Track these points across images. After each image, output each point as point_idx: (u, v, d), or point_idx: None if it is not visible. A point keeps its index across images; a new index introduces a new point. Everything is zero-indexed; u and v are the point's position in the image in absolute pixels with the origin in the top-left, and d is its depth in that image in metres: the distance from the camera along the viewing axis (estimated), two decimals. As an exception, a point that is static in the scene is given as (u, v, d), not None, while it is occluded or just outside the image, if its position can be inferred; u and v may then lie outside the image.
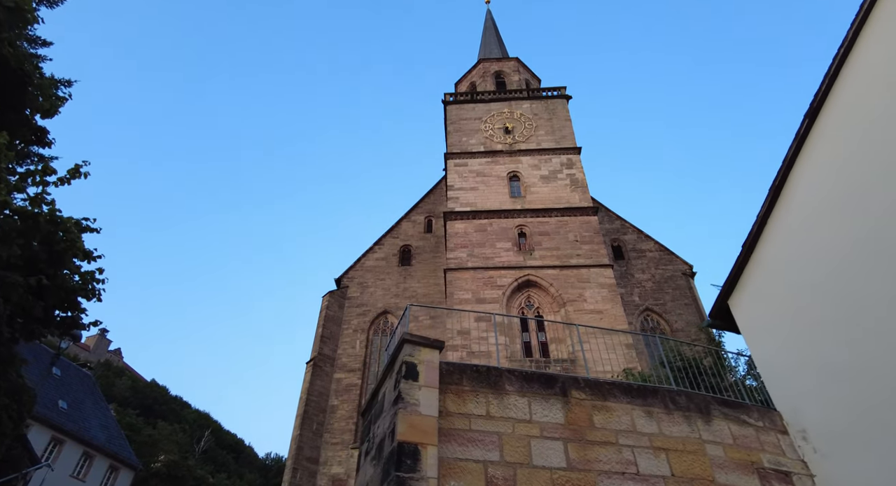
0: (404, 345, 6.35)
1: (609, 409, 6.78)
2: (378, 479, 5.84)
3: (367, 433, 7.21)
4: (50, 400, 29.03)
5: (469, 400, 6.48)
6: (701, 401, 7.09)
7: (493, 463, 6.05)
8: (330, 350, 31.05)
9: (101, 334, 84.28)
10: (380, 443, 6.25)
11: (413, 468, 5.40)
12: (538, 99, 32.37)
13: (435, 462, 5.54)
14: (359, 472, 7.12)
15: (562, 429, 6.50)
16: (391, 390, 6.42)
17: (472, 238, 27.62)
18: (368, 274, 34.29)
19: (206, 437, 65.75)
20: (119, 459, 31.40)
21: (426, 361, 6.23)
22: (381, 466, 5.89)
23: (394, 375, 6.48)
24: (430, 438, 5.66)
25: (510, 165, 29.96)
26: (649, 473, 6.22)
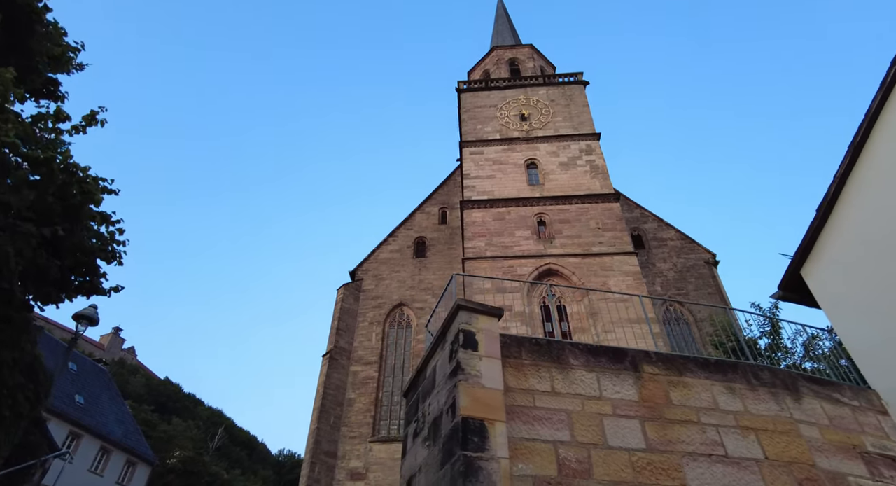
0: (459, 312, 5.62)
1: (686, 385, 6.04)
2: (437, 460, 5.15)
3: (414, 411, 6.52)
4: (67, 395, 28.62)
5: (530, 375, 5.76)
6: (786, 377, 6.34)
7: (564, 444, 5.34)
8: (346, 343, 30.46)
9: (114, 332, 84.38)
10: (434, 421, 5.56)
11: (481, 447, 4.69)
12: (555, 85, 31.51)
13: (504, 441, 4.84)
14: (406, 455, 6.43)
15: (636, 407, 5.77)
16: (445, 362, 5.71)
17: (491, 227, 26.87)
18: (383, 266, 33.66)
19: (220, 434, 65.54)
20: (136, 454, 30.97)
21: (485, 329, 5.52)
22: (439, 446, 5.20)
23: (447, 346, 5.78)
24: (496, 413, 4.96)
25: (527, 153, 29.16)
26: (739, 455, 5.48)
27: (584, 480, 5.15)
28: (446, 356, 5.73)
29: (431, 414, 5.76)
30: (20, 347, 6.22)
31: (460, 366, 5.19)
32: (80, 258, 6.36)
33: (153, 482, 34.02)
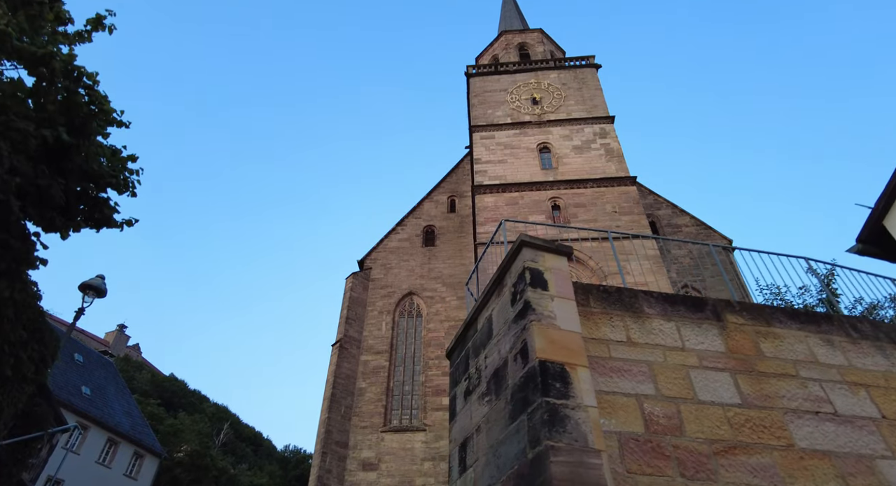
0: (523, 249, 4.85)
1: (777, 336, 5.28)
2: (504, 415, 4.40)
3: (464, 369, 5.76)
4: (73, 386, 27.94)
5: (602, 324, 5.01)
6: (892, 330, 5.58)
7: (649, 398, 4.58)
8: (356, 332, 29.78)
9: (119, 329, 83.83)
10: (495, 373, 4.81)
11: (564, 393, 3.94)
12: (566, 69, 30.70)
13: (590, 388, 4.09)
14: (456, 417, 5.67)
15: (724, 358, 5.01)
16: (505, 307, 4.95)
17: (503, 212, 26.09)
18: (392, 255, 32.96)
19: (226, 430, 64.95)
20: (144, 446, 30.28)
21: (554, 269, 4.76)
22: (505, 398, 4.45)
23: (506, 290, 5.01)
24: (577, 357, 4.21)
25: (540, 137, 28.36)
26: (851, 413, 4.72)
27: (675, 437, 4.40)
28: (506, 301, 4.97)
29: (490, 367, 5.01)
30: (19, 281, 5.40)
31: (530, 306, 4.43)
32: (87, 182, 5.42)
33: (161, 475, 33.35)
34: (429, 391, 27.25)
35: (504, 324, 4.91)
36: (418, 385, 28.03)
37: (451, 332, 29.16)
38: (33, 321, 6.21)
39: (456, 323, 29.32)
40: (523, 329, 4.41)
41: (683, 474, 4.14)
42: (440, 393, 26.83)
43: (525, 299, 4.52)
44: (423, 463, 25.26)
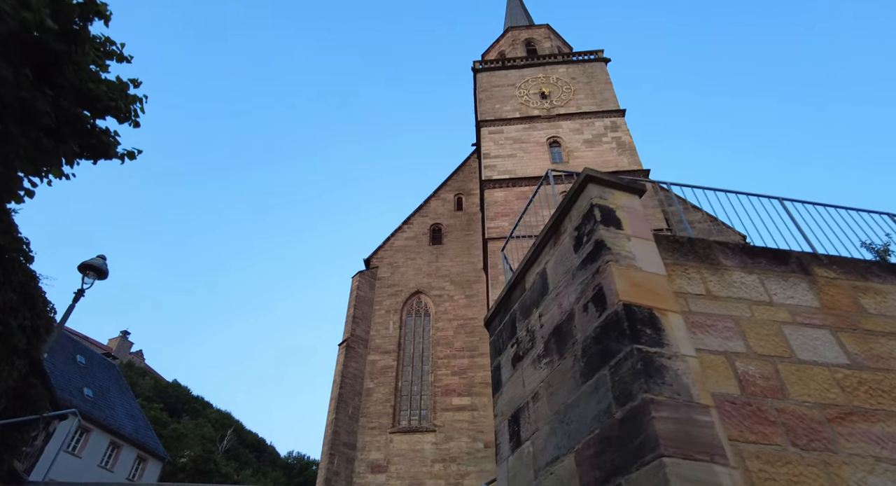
0: (589, 185, 4.15)
1: (877, 291, 4.56)
2: (574, 374, 3.70)
3: (510, 334, 5.05)
4: (75, 387, 27.15)
5: (676, 276, 4.30)
6: None
7: (740, 355, 3.87)
8: (362, 331, 29.03)
9: (122, 335, 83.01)
10: (556, 330, 4.10)
11: (657, 341, 3.25)
12: (575, 63, 30.12)
13: (686, 336, 3.39)
14: (502, 389, 4.95)
15: (820, 314, 4.29)
16: (566, 255, 4.24)
17: (514, 206, 25.40)
18: (398, 254, 32.26)
19: (229, 436, 64.00)
20: (147, 450, 29.41)
21: (626, 207, 4.06)
22: (573, 356, 3.75)
23: (565, 237, 4.31)
24: (667, 302, 3.51)
25: (549, 131, 27.72)
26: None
27: (777, 400, 3.68)
28: (567, 248, 4.27)
29: (547, 325, 4.30)
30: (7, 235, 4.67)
31: (603, 246, 3.72)
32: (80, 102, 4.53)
33: (164, 479, 32.46)
34: (438, 391, 26.44)
35: (565, 274, 4.20)
36: (427, 385, 27.22)
37: (459, 331, 28.40)
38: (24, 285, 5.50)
39: (465, 322, 28.57)
40: (596, 273, 3.71)
41: (795, 442, 3.42)
42: (450, 393, 26.04)
43: (596, 239, 3.82)
44: (434, 465, 24.40)
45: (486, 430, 24.63)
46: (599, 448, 3.24)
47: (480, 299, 29.43)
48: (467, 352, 27.67)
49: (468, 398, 26.05)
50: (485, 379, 26.33)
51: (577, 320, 3.89)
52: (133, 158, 4.62)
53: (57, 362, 26.84)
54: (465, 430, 25.01)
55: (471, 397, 26.07)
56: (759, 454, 3.30)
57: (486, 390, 25.92)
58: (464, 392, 26.25)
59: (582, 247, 4.01)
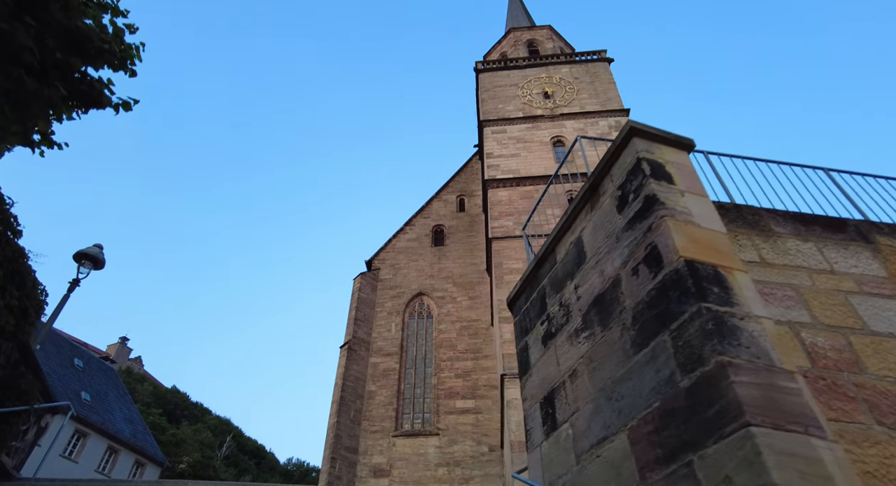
0: (633, 139, 3.74)
1: (946, 260, 4.17)
2: (622, 345, 3.28)
3: (540, 310, 4.63)
4: (72, 391, 26.60)
5: (727, 242, 3.89)
6: None
7: (806, 326, 3.46)
8: (364, 333, 28.53)
9: (121, 342, 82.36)
10: (598, 300, 3.69)
11: (726, 300, 2.84)
12: (577, 63, 29.88)
13: (757, 297, 2.98)
14: (531, 370, 4.52)
15: (889, 284, 3.89)
16: (608, 218, 3.83)
17: (518, 206, 25.02)
18: (400, 255, 31.84)
19: (228, 442, 63.28)
20: (145, 454, 28.82)
21: (675, 163, 3.66)
22: (623, 324, 3.34)
23: (606, 198, 3.90)
24: (731, 260, 3.10)
25: (553, 130, 27.41)
26: None
27: (854, 374, 3.26)
28: (607, 210, 3.86)
29: (586, 296, 3.89)
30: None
31: (656, 200, 3.32)
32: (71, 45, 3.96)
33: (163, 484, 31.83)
34: (441, 394, 25.91)
35: (607, 239, 3.80)
36: (430, 388, 26.68)
37: (463, 333, 27.92)
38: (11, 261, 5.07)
39: (468, 324, 28.11)
40: (648, 231, 3.31)
41: (881, 421, 3.01)
42: (453, 396, 25.52)
43: (646, 194, 3.41)
44: (438, 469, 23.83)
45: (490, 433, 24.11)
46: (660, 423, 2.83)
47: (483, 300, 29.00)
48: (470, 354, 27.18)
49: (472, 401, 25.53)
50: (489, 381, 25.82)
51: (624, 285, 3.49)
52: (129, 108, 4.14)
53: (54, 365, 26.32)
54: (469, 433, 24.47)
55: (475, 399, 25.55)
56: (842, 433, 2.89)
57: (490, 392, 25.41)
58: (467, 395, 25.73)
59: (628, 206, 3.61)
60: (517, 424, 17.30)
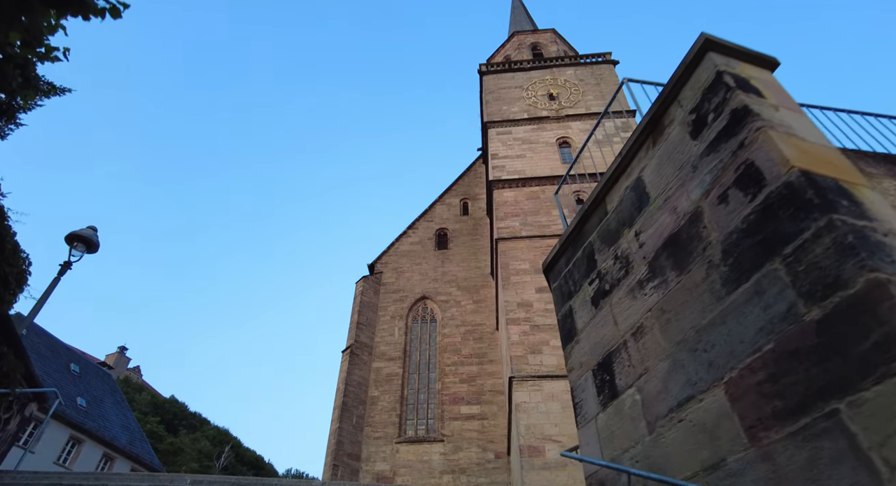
0: (709, 53, 3.15)
1: None
2: (708, 287, 2.70)
3: (585, 272, 4.04)
4: (68, 397, 25.79)
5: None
6: None
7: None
8: (367, 338, 27.80)
9: (120, 351, 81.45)
10: (670, 242, 3.12)
11: (861, 213, 2.26)
12: (582, 65, 29.54)
13: (894, 212, 2.40)
14: (579, 336, 3.92)
15: None
16: (680, 147, 3.25)
17: (524, 206, 24.48)
18: (403, 259, 31.23)
19: (227, 453, 62.16)
20: (142, 462, 27.89)
21: (761, 80, 3.10)
22: (709, 262, 2.75)
23: (674, 126, 3.32)
24: (854, 175, 2.53)
25: (559, 131, 26.96)
26: None
27: None
28: (678, 140, 3.28)
29: (653, 240, 3.31)
30: None
31: (748, 112, 2.74)
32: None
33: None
34: (446, 400, 25.13)
35: (679, 171, 3.22)
36: (434, 393, 25.91)
37: (467, 337, 27.22)
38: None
39: (473, 328, 27.43)
40: (739, 148, 2.73)
41: None
42: (458, 401, 24.75)
43: (734, 108, 2.84)
44: (442, 476, 23.00)
45: (496, 440, 23.32)
46: (777, 369, 2.24)
47: (488, 304, 28.35)
48: (476, 359, 26.45)
49: (477, 407, 24.75)
50: (494, 387, 25.08)
51: (707, 218, 2.91)
52: (117, 15, 3.49)
53: (49, 370, 25.55)
54: (474, 440, 23.66)
55: (480, 405, 24.78)
56: None
57: (496, 398, 24.65)
58: (473, 401, 24.96)
59: (707, 128, 3.04)
60: (527, 428, 16.61)
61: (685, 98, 3.31)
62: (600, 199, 4.15)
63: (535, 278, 21.93)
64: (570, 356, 4.03)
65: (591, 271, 3.98)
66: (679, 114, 3.35)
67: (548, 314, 20.37)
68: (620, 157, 3.87)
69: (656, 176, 3.46)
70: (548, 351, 19.02)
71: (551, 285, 4.68)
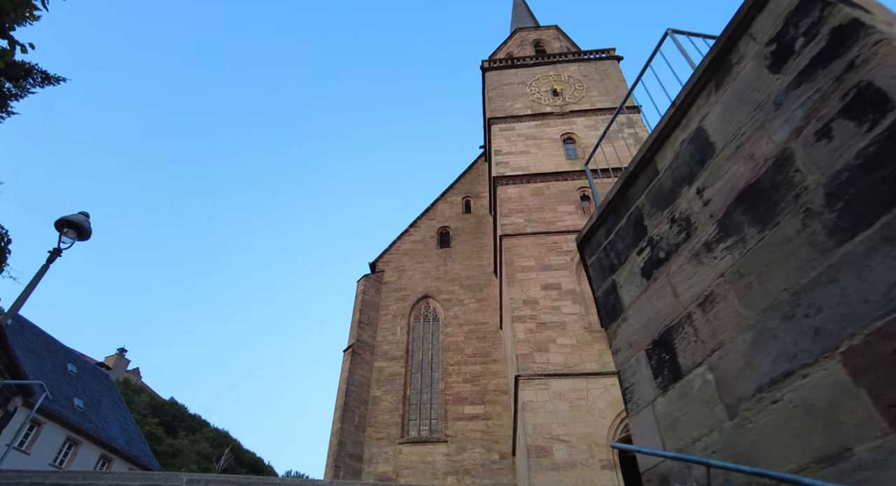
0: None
1: None
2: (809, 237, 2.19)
3: (630, 243, 3.53)
4: (65, 397, 25.21)
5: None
6: None
7: None
8: (369, 337, 27.27)
9: (119, 353, 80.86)
10: (744, 194, 2.61)
11: None
12: (586, 61, 29.10)
13: None
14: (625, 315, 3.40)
15: None
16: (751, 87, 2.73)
17: (529, 202, 23.96)
18: (405, 257, 30.72)
19: (226, 455, 61.55)
20: (140, 464, 27.27)
21: (857, 2, 2.59)
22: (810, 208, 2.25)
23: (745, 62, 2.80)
24: None
25: (563, 127, 26.49)
26: None
27: None
28: (752, 77, 2.76)
29: (723, 195, 2.79)
30: None
31: (859, 26, 2.24)
32: None
33: None
34: (449, 400, 24.58)
35: (754, 112, 2.71)
36: (437, 393, 25.36)
37: (471, 336, 26.69)
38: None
39: (476, 326, 26.91)
40: (848, 70, 2.23)
41: None
42: (461, 401, 24.21)
43: (835, 25, 2.33)
44: (446, 478, 22.43)
45: (501, 440, 22.77)
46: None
47: (491, 303, 27.83)
48: (479, 358, 25.91)
49: (481, 407, 24.21)
50: (498, 386, 24.54)
51: (800, 159, 2.40)
52: None
53: (46, 370, 24.97)
54: (478, 440, 23.11)
55: (484, 405, 24.23)
56: None
57: (500, 397, 24.10)
58: (476, 400, 24.41)
59: (794, 57, 2.53)
60: (534, 427, 16.10)
61: (759, 29, 2.81)
62: (648, 159, 3.64)
63: (540, 274, 21.43)
64: (615, 337, 3.52)
65: (639, 240, 3.47)
66: (752, 48, 2.86)
67: (554, 312, 19.86)
68: (674, 107, 3.37)
69: (723, 123, 2.96)
70: (554, 349, 18.51)
71: (587, 261, 4.17)
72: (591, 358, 18.00)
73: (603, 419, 16.17)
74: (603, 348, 18.42)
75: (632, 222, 3.64)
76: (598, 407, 16.55)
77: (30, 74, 13.21)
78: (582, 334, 18.98)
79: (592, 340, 18.68)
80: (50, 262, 7.32)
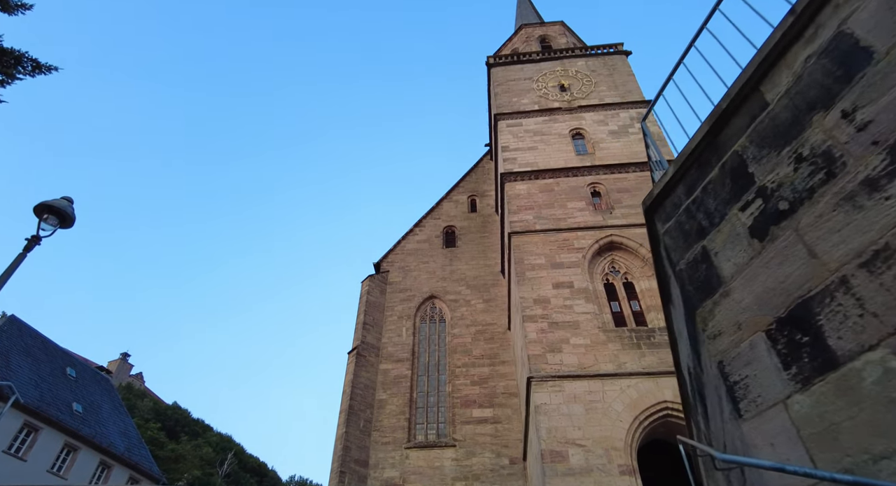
0: None
1: None
2: None
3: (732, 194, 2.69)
4: (63, 402, 24.36)
5: None
6: None
7: None
8: (374, 338, 26.41)
9: (122, 358, 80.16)
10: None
11: None
12: (594, 56, 28.34)
13: None
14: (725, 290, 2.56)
15: None
16: None
17: (538, 199, 23.11)
18: (410, 257, 29.90)
19: (230, 459, 60.62)
20: (140, 470, 26.39)
21: None
22: None
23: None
24: None
25: (572, 123, 25.68)
26: None
27: None
28: None
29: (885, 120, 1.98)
30: None
31: None
32: None
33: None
34: (457, 403, 23.67)
35: None
36: (444, 396, 24.44)
37: (478, 337, 25.80)
38: None
39: (484, 327, 26.02)
40: None
41: None
42: (469, 404, 23.30)
43: None
44: (455, 483, 21.52)
45: (511, 444, 21.85)
46: None
47: (499, 303, 26.95)
48: (487, 360, 25.01)
49: (490, 410, 23.29)
50: (508, 389, 23.63)
51: None
52: None
53: (44, 374, 24.15)
54: (487, 445, 22.19)
55: (493, 408, 23.31)
56: None
57: (509, 400, 23.19)
58: (485, 403, 23.49)
59: None
60: (548, 431, 15.23)
61: None
62: (749, 88, 2.81)
63: (551, 272, 20.58)
64: (710, 317, 2.69)
65: (742, 192, 2.64)
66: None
67: (566, 311, 19.00)
68: (793, 15, 2.54)
69: (882, 19, 2.15)
70: (568, 350, 17.64)
71: (660, 230, 3.34)
72: (606, 359, 17.15)
73: (620, 422, 15.33)
74: (618, 348, 17.55)
75: (728, 172, 2.81)
76: (615, 410, 15.70)
77: (20, 62, 12.70)
78: (596, 334, 18.13)
79: (607, 339, 17.83)
80: (27, 250, 6.52)
